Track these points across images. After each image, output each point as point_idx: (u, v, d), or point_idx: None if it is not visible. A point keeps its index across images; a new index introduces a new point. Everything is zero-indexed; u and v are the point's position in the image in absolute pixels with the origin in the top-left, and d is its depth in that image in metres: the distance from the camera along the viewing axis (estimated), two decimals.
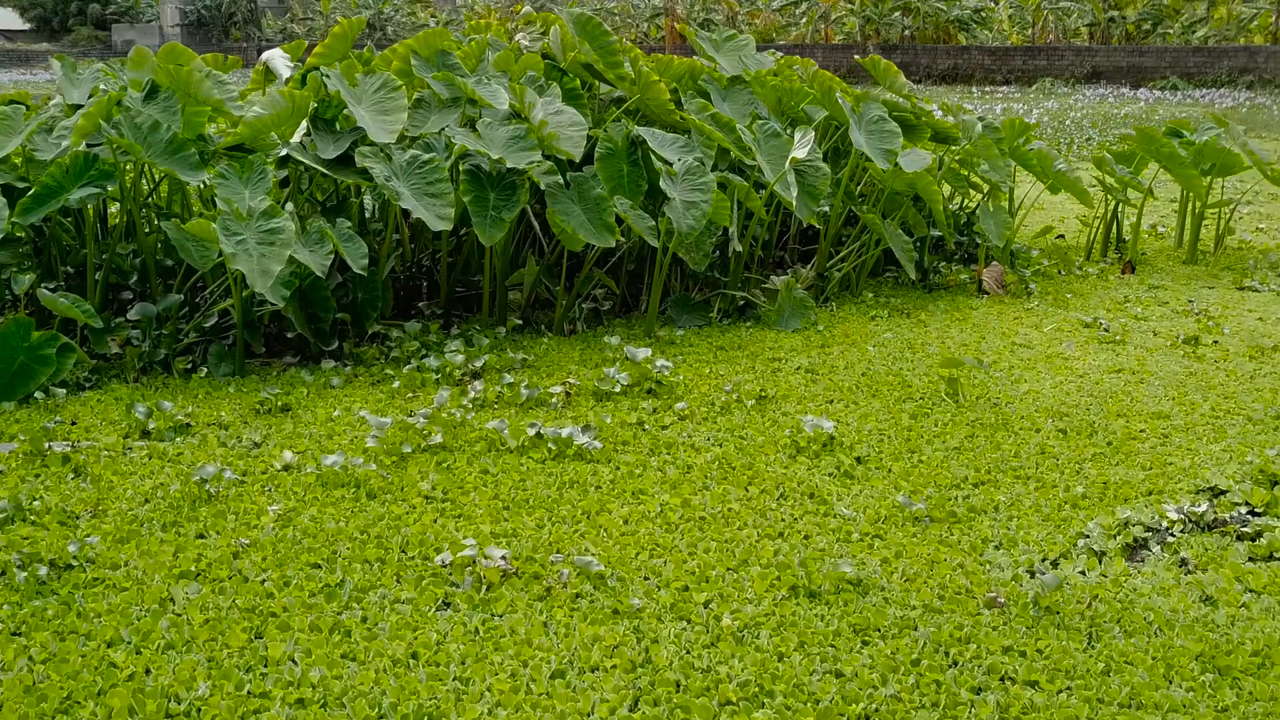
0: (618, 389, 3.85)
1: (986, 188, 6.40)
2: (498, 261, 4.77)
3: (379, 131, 4.50)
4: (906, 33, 32.06)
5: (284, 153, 4.45)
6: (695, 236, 4.53)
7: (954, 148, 6.18)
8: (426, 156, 4.42)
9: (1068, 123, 16.86)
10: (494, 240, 4.35)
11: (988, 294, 5.54)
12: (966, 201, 6.67)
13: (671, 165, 4.86)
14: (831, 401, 3.85)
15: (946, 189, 6.38)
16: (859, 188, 5.81)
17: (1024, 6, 32.26)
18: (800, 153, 4.67)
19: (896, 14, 32.05)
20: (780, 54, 6.53)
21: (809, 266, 5.73)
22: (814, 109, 5.98)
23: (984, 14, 32.40)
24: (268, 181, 4.30)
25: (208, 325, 4.26)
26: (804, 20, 33.40)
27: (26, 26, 52.16)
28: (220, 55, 5.70)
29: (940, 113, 6.36)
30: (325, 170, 4.38)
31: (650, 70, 5.24)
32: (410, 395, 3.89)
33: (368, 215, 5.10)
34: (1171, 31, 29.96)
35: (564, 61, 5.63)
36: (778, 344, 4.58)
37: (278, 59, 5.72)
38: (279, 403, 3.74)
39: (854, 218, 5.85)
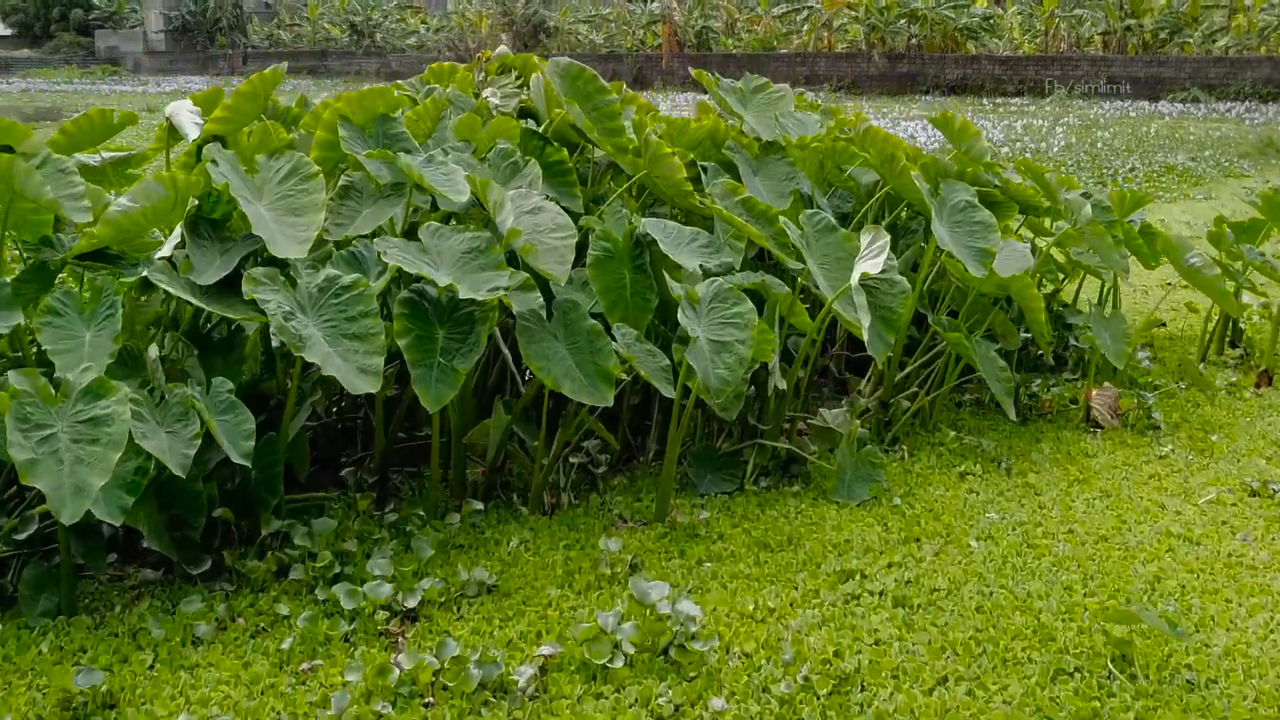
0: (619, 661, 2.53)
1: (1077, 270, 5.12)
2: (452, 412, 3.46)
3: (285, 241, 3.19)
4: (913, 41, 30.75)
5: (145, 273, 3.13)
6: (729, 392, 3.22)
7: (1038, 217, 4.91)
8: (348, 279, 3.10)
9: (1098, 145, 15.57)
10: (441, 402, 3.03)
11: (1101, 428, 4.23)
12: (1046, 281, 5.36)
13: (690, 274, 3.57)
14: (945, 680, 2.54)
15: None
16: (928, 279, 4.48)
17: (1035, 14, 30.98)
18: (872, 266, 3.35)
19: (902, 21, 30.73)
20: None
21: (865, 383, 4.43)
22: (863, 171, 4.71)
23: (993, 21, 31.11)
24: (117, 319, 3.00)
25: (23, 536, 2.93)
26: (806, 28, 32.09)
27: (8, 32, 50.85)
28: (108, 111, 4.35)
29: (1017, 176, 5.05)
30: (199, 303, 3.05)
31: (660, 140, 3.93)
32: (305, 667, 2.57)
33: (276, 343, 3.79)
34: (1190, 41, 28.67)
35: (547, 118, 4.34)
36: (842, 533, 3.27)
37: (184, 114, 4.37)
38: (100, 690, 2.42)
39: (920, 319, 4.55)
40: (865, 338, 3.40)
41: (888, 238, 3.46)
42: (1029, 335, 4.72)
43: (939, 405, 4.25)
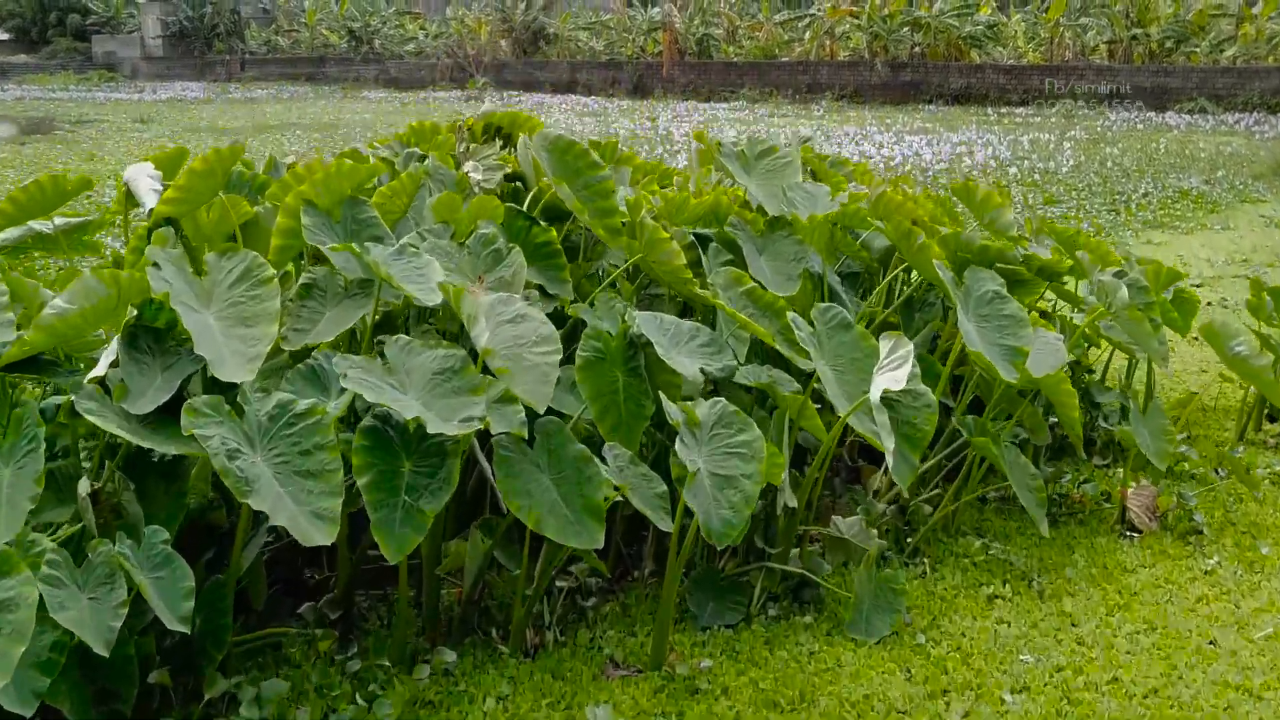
0: None
1: (1104, 343, 4.76)
2: (424, 543, 3.10)
3: (233, 361, 2.83)
4: (916, 49, 30.40)
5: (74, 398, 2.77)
6: (735, 535, 2.85)
7: (1063, 282, 4.54)
8: (302, 406, 2.74)
9: (1108, 163, 15.17)
10: (405, 551, 2.67)
11: (1138, 531, 3.87)
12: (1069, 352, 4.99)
13: (690, 381, 3.21)
14: None
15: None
16: (949, 354, 4.10)
17: (1040, 23, 30.61)
18: (893, 380, 2.99)
19: (905, 29, 30.38)
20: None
21: (882, 475, 4.07)
22: (875, 237, 4.37)
23: (998, 30, 30.75)
24: (39, 455, 2.63)
25: None
26: (808, 35, 31.71)
27: (5, 37, 50.48)
28: (61, 176, 3.98)
29: (1043, 249, 4.68)
30: (133, 439, 2.69)
31: (656, 223, 3.58)
32: None
33: None
34: (1197, 50, 28.27)
35: (535, 185, 3.99)
36: (860, 684, 2.91)
37: (142, 180, 4.00)
38: None
39: (942, 406, 4.19)
40: (889, 462, 3.03)
41: (910, 346, 3.10)
42: (1055, 420, 4.37)
43: (961, 514, 3.89)
